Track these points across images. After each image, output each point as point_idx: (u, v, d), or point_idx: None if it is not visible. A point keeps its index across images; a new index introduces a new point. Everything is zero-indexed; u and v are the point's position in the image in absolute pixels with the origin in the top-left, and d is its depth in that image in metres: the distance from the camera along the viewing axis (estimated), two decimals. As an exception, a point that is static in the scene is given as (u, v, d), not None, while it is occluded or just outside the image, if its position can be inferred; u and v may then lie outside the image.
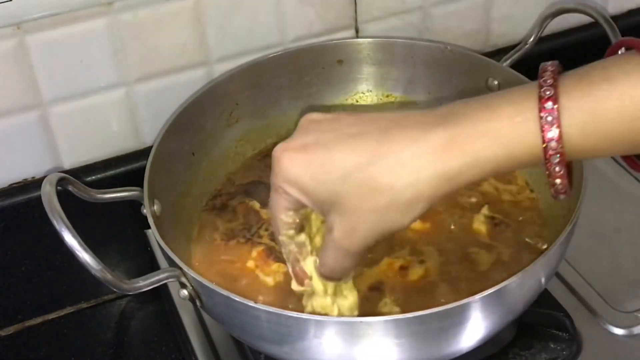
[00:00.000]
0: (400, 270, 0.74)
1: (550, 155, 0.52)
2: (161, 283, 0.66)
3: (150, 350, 0.83)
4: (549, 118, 0.51)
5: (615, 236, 0.87)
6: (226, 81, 0.86)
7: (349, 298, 0.66)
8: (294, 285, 0.65)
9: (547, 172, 0.53)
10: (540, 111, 0.51)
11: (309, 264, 0.64)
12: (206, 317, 0.80)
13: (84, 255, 0.62)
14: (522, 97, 0.53)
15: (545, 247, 0.76)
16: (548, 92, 0.52)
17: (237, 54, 0.89)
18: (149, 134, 0.89)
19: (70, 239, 0.62)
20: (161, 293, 0.85)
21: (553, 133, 0.51)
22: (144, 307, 0.89)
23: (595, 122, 0.52)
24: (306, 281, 0.64)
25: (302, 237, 0.63)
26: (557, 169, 0.53)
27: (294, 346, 0.65)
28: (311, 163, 0.56)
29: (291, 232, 0.63)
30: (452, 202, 0.80)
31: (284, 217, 0.61)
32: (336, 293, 0.65)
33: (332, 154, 0.55)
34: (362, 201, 0.55)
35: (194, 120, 0.84)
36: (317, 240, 0.64)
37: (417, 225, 0.78)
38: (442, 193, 0.55)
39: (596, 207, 0.87)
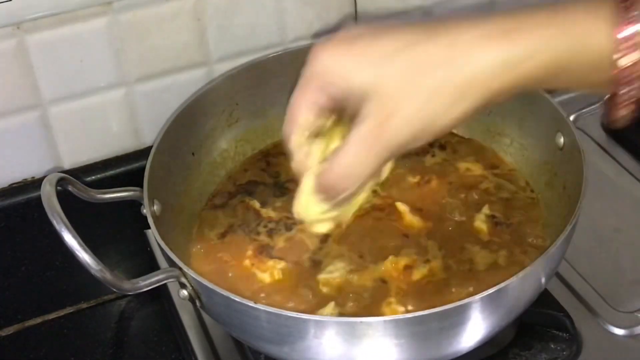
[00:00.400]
0: (405, 269, 0.73)
1: (621, 56, 0.46)
2: (161, 283, 0.67)
3: (150, 350, 0.83)
4: (632, 14, 0.46)
5: (615, 236, 0.87)
6: (226, 81, 0.86)
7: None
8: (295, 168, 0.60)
9: (610, 101, 0.48)
10: (619, 11, 0.46)
11: (307, 180, 0.58)
12: (206, 317, 0.80)
13: (84, 255, 0.62)
14: (595, 10, 0.47)
15: (545, 247, 0.75)
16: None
17: (237, 54, 0.89)
18: (149, 134, 0.89)
19: (70, 239, 0.62)
20: (161, 293, 0.85)
21: (630, 31, 0.46)
22: (144, 307, 0.89)
23: None
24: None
25: (316, 144, 0.56)
26: (626, 73, 0.47)
27: (294, 346, 0.65)
28: (354, 48, 0.50)
29: (305, 136, 0.55)
30: (453, 201, 0.81)
31: (305, 113, 0.54)
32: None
33: (378, 39, 0.50)
34: (410, 80, 0.48)
35: (194, 120, 0.84)
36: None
37: (419, 223, 0.78)
38: (497, 85, 0.49)
39: (596, 207, 0.87)
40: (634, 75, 0.46)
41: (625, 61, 0.46)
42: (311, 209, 0.57)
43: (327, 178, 0.54)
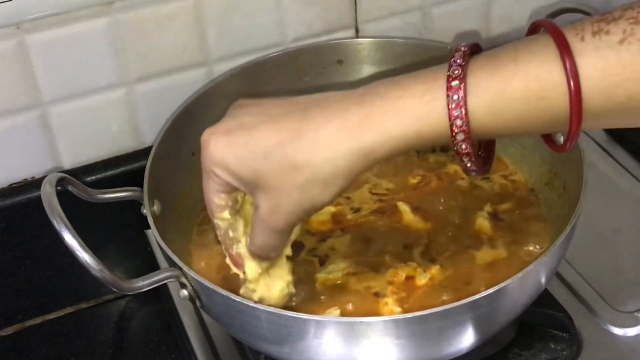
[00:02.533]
0: (406, 280, 0.73)
1: (456, 133, 0.54)
2: (161, 283, 0.66)
3: (150, 350, 0.83)
4: (455, 97, 0.53)
5: (615, 236, 0.87)
6: (226, 81, 0.86)
7: (277, 284, 0.67)
8: (233, 270, 0.66)
9: (454, 150, 0.55)
10: (447, 90, 0.53)
11: (242, 247, 0.65)
12: (206, 317, 0.80)
13: (84, 255, 0.62)
14: (433, 77, 0.54)
15: (545, 247, 0.75)
16: (456, 72, 0.53)
17: (237, 54, 0.89)
18: (149, 134, 0.89)
19: (70, 239, 0.62)
20: (161, 293, 0.85)
21: (458, 112, 0.53)
22: (144, 307, 0.89)
23: (502, 101, 0.53)
24: (243, 264, 0.65)
25: (236, 220, 0.64)
26: (463, 146, 0.54)
27: (294, 346, 0.65)
28: (235, 144, 0.59)
29: (225, 214, 0.63)
30: (453, 201, 0.80)
31: (216, 200, 0.62)
32: (269, 274, 0.66)
33: (255, 134, 0.58)
34: (284, 178, 0.57)
35: (194, 120, 0.83)
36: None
37: (419, 223, 0.78)
38: (359, 169, 0.56)
39: (596, 207, 0.87)
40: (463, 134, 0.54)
41: (456, 112, 0.53)
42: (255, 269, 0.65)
43: (252, 253, 0.64)
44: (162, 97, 0.87)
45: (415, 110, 0.54)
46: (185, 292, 0.67)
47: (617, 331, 0.77)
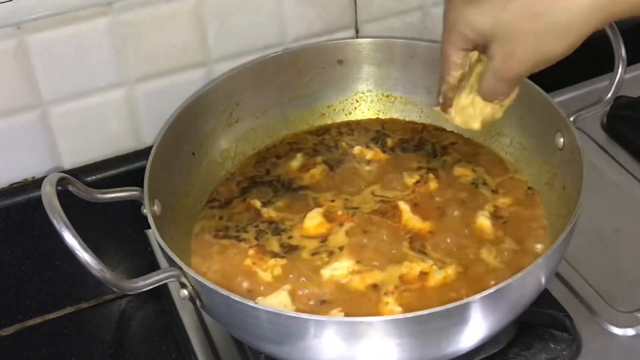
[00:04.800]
0: (420, 275, 0.73)
1: None
2: (161, 283, 0.66)
3: (150, 350, 0.83)
4: None
5: (615, 236, 0.87)
6: (226, 81, 0.86)
7: (493, 107, 0.71)
8: (437, 108, 0.74)
9: None
10: None
11: (463, 97, 0.71)
12: (206, 317, 0.80)
13: (84, 255, 0.62)
14: None
15: (545, 247, 0.76)
16: None
17: (237, 54, 0.89)
18: (149, 134, 0.89)
19: (70, 239, 0.62)
20: (161, 293, 0.85)
21: None
22: (144, 307, 0.89)
23: None
24: (448, 110, 0.73)
25: (465, 81, 0.70)
26: None
27: (294, 346, 0.65)
28: None
29: (458, 73, 0.69)
30: (454, 202, 0.81)
31: (454, 57, 0.68)
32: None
33: None
34: (521, 25, 0.60)
35: (194, 120, 0.84)
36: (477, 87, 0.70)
37: (420, 223, 0.78)
38: (595, 21, 0.59)
39: (596, 207, 0.87)
40: None
41: None
42: (467, 109, 0.72)
43: (483, 95, 0.69)
44: (162, 97, 0.87)
45: None
46: (185, 292, 0.67)
47: (617, 331, 0.77)
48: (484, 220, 0.78)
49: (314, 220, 0.79)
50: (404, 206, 0.79)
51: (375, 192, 0.83)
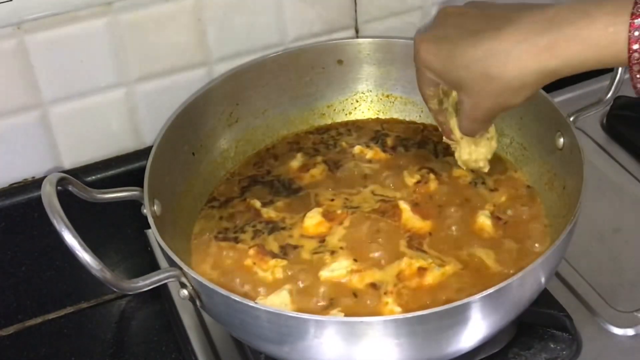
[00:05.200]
0: (416, 274, 0.73)
1: (633, 63, 0.61)
2: (161, 283, 0.66)
3: (150, 350, 0.83)
4: (636, 33, 0.60)
5: (615, 236, 0.87)
6: (226, 81, 0.86)
7: (485, 146, 0.81)
8: (445, 139, 0.82)
9: (630, 76, 0.63)
10: (630, 26, 0.60)
11: (452, 124, 0.79)
12: (206, 317, 0.80)
13: (84, 255, 0.62)
14: (618, 10, 0.61)
15: (545, 247, 0.75)
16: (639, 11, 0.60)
17: (237, 54, 0.89)
18: (149, 134, 0.89)
19: (70, 239, 0.62)
20: (161, 293, 0.85)
21: (638, 46, 0.60)
22: (144, 307, 0.89)
23: None
24: (451, 135, 0.80)
25: (445, 104, 0.79)
26: (638, 75, 0.62)
27: (294, 346, 0.65)
28: (441, 53, 0.71)
29: (435, 101, 0.78)
30: (454, 202, 0.81)
31: (427, 91, 0.77)
32: (475, 143, 0.81)
33: (457, 47, 0.69)
34: (481, 85, 0.68)
35: (194, 120, 0.84)
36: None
37: (420, 223, 0.78)
38: (542, 83, 0.66)
39: (596, 207, 0.87)
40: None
41: (635, 46, 0.61)
42: (471, 154, 0.81)
43: (461, 132, 0.78)
44: (162, 97, 0.87)
45: (599, 40, 0.62)
46: (185, 292, 0.67)
47: (617, 331, 0.77)
48: (484, 220, 0.78)
49: (313, 220, 0.79)
50: (404, 205, 0.79)
51: (375, 192, 0.83)
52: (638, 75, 0.62)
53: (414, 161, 0.86)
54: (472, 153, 0.81)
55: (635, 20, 0.60)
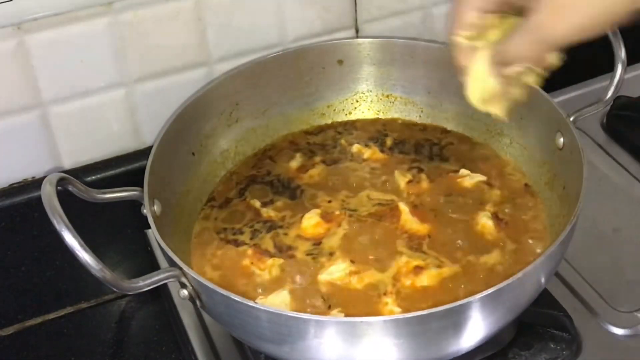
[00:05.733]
0: (413, 273, 0.73)
1: None
2: (161, 283, 0.66)
3: (150, 350, 0.83)
4: None
5: (615, 236, 0.87)
6: (226, 81, 0.86)
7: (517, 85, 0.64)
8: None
9: None
10: None
11: (479, 60, 0.63)
12: (206, 317, 0.80)
13: (84, 255, 0.62)
14: None
15: (545, 247, 0.76)
16: None
17: (237, 54, 0.89)
18: (149, 134, 0.89)
19: (70, 239, 0.62)
20: (161, 293, 0.85)
21: None
22: (144, 307, 0.89)
23: None
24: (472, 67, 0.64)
25: (479, 42, 0.63)
26: None
27: (294, 346, 0.65)
28: None
29: (467, 34, 0.63)
30: (453, 202, 0.81)
31: (469, 16, 0.61)
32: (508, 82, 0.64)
33: None
34: None
35: (194, 120, 0.84)
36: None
37: (419, 224, 0.78)
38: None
39: (596, 207, 0.87)
40: None
41: None
42: (483, 88, 0.65)
43: (500, 55, 0.61)
44: (162, 97, 0.87)
45: None
46: (185, 292, 0.67)
47: (617, 331, 0.77)
48: (485, 221, 0.78)
49: (311, 221, 0.79)
50: (403, 207, 0.79)
51: (373, 193, 0.83)
52: None
53: (413, 161, 0.86)
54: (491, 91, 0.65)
55: None
